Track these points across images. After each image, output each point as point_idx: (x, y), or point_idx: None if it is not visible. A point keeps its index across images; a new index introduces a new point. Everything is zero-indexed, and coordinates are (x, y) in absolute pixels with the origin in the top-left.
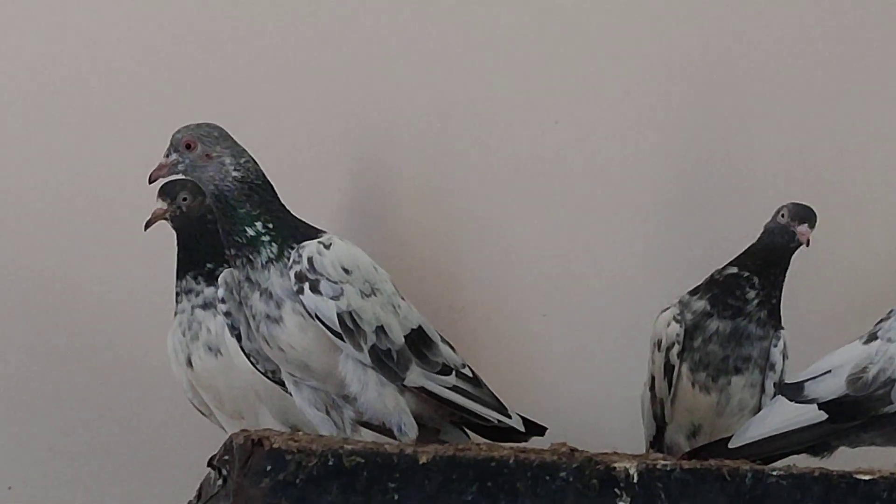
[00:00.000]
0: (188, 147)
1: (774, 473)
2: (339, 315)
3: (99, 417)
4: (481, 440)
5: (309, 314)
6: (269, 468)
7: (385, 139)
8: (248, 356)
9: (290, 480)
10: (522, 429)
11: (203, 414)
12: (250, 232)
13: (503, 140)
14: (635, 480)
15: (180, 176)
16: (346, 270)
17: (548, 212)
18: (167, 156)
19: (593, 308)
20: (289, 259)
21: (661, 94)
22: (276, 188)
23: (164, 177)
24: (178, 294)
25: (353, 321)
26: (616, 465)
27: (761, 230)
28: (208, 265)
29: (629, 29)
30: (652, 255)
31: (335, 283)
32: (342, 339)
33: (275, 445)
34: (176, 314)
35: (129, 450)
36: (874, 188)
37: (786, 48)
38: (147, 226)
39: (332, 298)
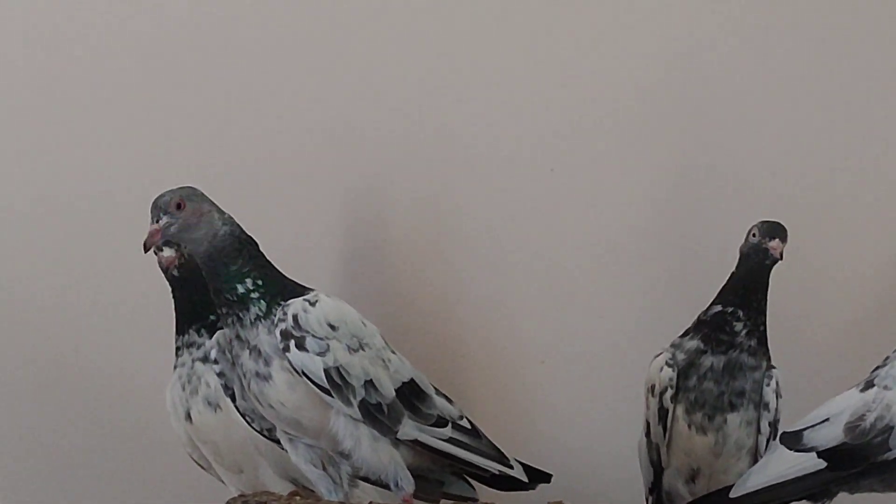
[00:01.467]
0: (178, 207)
1: None
2: (325, 371)
3: (92, 436)
4: (486, 490)
5: (296, 371)
6: None
7: (382, 194)
8: (242, 415)
9: None
10: (525, 478)
11: (202, 467)
12: (240, 289)
13: (499, 193)
14: None
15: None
16: (332, 326)
17: (546, 261)
18: (157, 220)
19: (592, 355)
20: (276, 317)
21: (659, 140)
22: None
23: (157, 243)
24: (178, 348)
25: (341, 376)
26: None
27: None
28: (211, 317)
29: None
30: (651, 303)
31: (321, 339)
32: (330, 395)
33: None
34: (175, 367)
35: (121, 469)
36: (869, 209)
37: (777, 57)
38: (168, 276)
39: (318, 355)
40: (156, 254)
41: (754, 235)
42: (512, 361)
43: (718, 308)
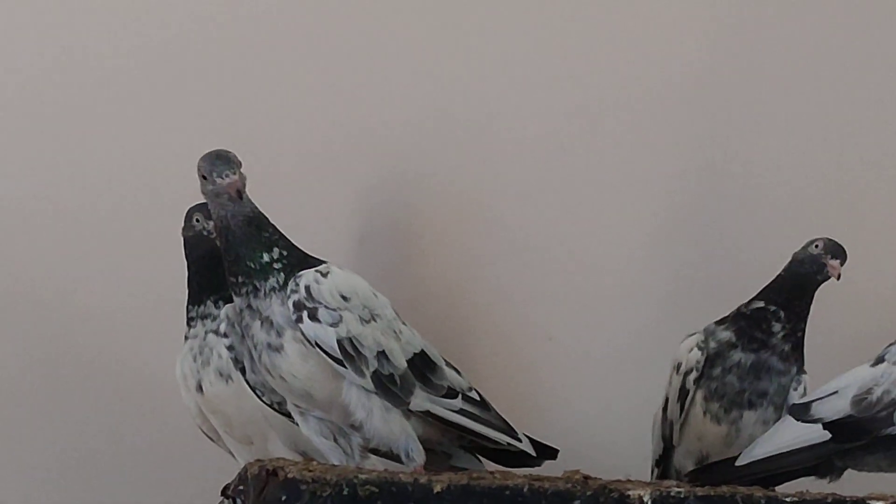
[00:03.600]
0: (240, 166)
1: (788, 500)
2: (338, 341)
3: (102, 436)
4: (493, 466)
5: (309, 342)
6: (283, 498)
7: (399, 161)
8: (253, 389)
9: None
10: (533, 452)
11: (211, 439)
12: (265, 258)
13: (513, 161)
14: None
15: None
16: (344, 297)
17: (555, 234)
18: (234, 173)
19: (600, 331)
20: (289, 288)
21: (682, 111)
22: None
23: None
24: (191, 318)
25: (354, 347)
26: (630, 492)
27: (786, 258)
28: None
29: (639, 52)
30: (660, 278)
31: (333, 310)
32: (343, 366)
33: (289, 475)
34: (187, 338)
35: (133, 471)
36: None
37: (806, 54)
38: (196, 251)
39: (330, 325)
40: (206, 222)
41: (816, 247)
42: (520, 338)
43: (761, 304)
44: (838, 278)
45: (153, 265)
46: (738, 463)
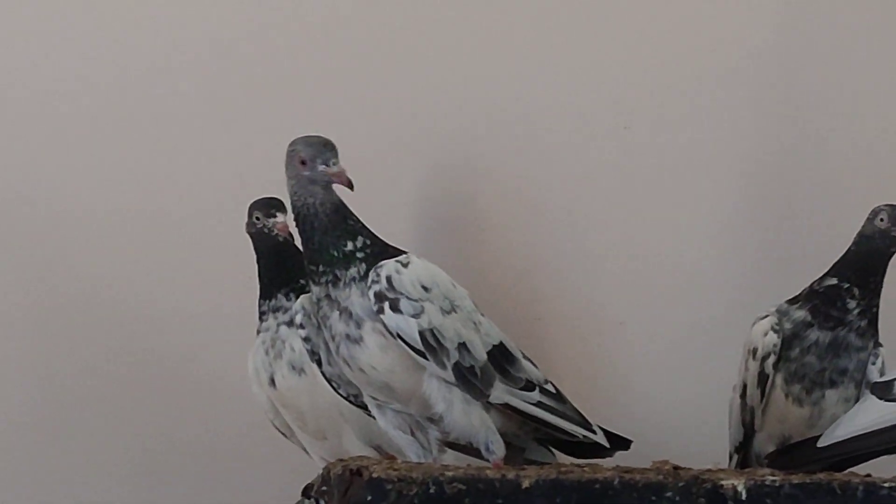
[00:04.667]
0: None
1: (886, 486)
2: (420, 333)
3: (175, 436)
4: (565, 458)
5: (390, 333)
6: (369, 498)
7: (461, 148)
8: (329, 381)
9: None
10: (607, 444)
11: (284, 435)
12: (349, 246)
13: (577, 145)
14: (744, 497)
15: None
16: (425, 288)
17: (624, 217)
18: (336, 162)
19: (672, 315)
20: (370, 279)
21: (750, 86)
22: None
23: None
24: (262, 312)
25: (436, 339)
26: (723, 482)
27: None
28: (301, 281)
29: (705, 24)
30: (731, 261)
31: (415, 301)
32: (425, 358)
33: (374, 475)
34: (259, 332)
35: (206, 469)
36: None
37: (885, 21)
38: (266, 243)
39: (412, 316)
40: (266, 220)
41: (882, 220)
42: (590, 323)
43: (833, 281)
44: None
45: (226, 262)
46: (820, 444)
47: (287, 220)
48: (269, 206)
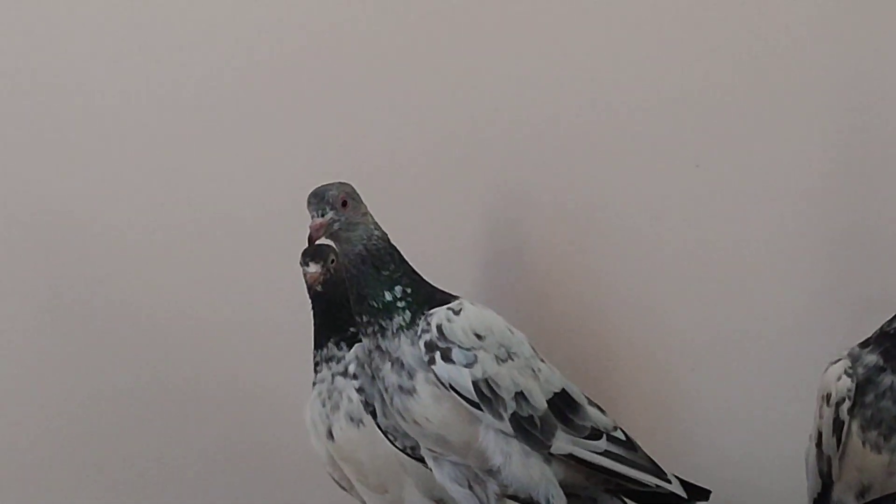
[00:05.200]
0: (344, 205)
1: None
2: (474, 383)
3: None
4: None
5: (443, 385)
6: None
7: (521, 198)
8: (385, 433)
9: None
10: (684, 494)
11: (343, 488)
12: (388, 297)
13: (644, 192)
14: None
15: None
16: (478, 336)
17: (696, 261)
18: (322, 214)
19: (747, 362)
20: (419, 327)
21: (819, 129)
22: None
23: (321, 237)
24: (317, 363)
25: (491, 389)
26: None
27: None
28: (351, 330)
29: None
30: (812, 305)
31: (468, 350)
32: (480, 409)
33: None
34: (315, 384)
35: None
36: None
37: None
38: (311, 292)
39: (465, 366)
40: (302, 267)
41: None
42: (661, 369)
43: None
44: None
45: (267, 278)
46: None
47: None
48: (304, 254)
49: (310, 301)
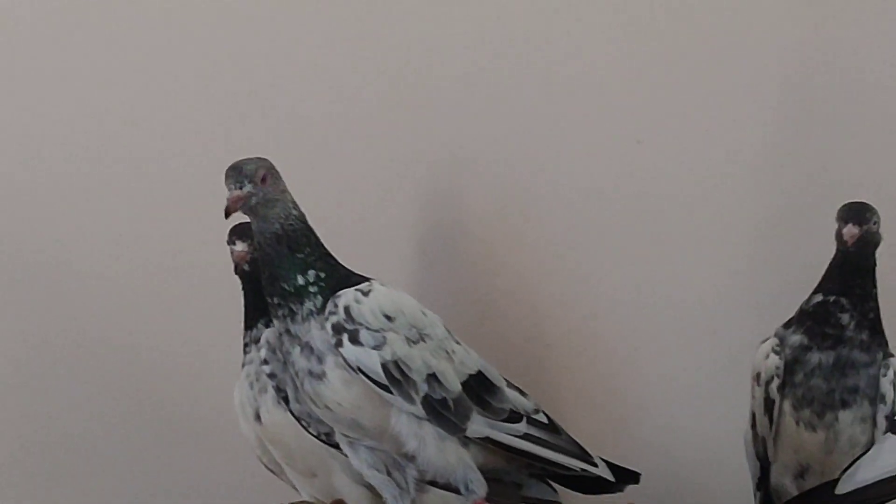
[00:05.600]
0: (263, 180)
1: None
2: (383, 365)
3: (164, 481)
4: (570, 494)
5: (351, 367)
6: None
7: (459, 165)
8: (298, 419)
9: None
10: (611, 477)
11: (273, 472)
12: (300, 280)
13: (585, 163)
14: None
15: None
16: (388, 317)
17: (635, 238)
18: (240, 187)
19: (687, 339)
20: (327, 310)
21: (759, 111)
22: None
23: (237, 210)
24: (246, 344)
25: (401, 371)
26: None
27: None
28: None
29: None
30: (748, 281)
31: (376, 331)
32: (390, 392)
33: None
34: (244, 365)
35: None
36: None
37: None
38: (238, 270)
39: (373, 348)
40: (229, 245)
41: (837, 220)
42: (600, 349)
43: (819, 298)
44: (852, 245)
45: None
46: (839, 491)
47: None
48: (231, 233)
49: (240, 282)
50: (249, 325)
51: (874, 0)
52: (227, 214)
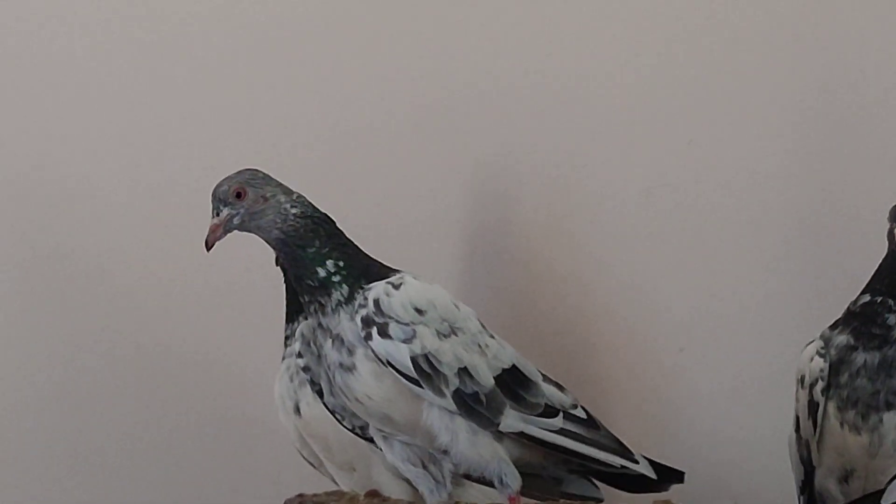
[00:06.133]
0: (239, 196)
1: None
2: (412, 359)
3: (205, 476)
4: (612, 492)
5: (380, 360)
6: None
7: (506, 169)
8: (332, 413)
9: None
10: (653, 475)
11: (312, 465)
12: (321, 273)
13: (633, 165)
14: None
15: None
16: (418, 311)
17: (682, 241)
18: (217, 213)
19: (733, 341)
20: (357, 302)
21: (802, 114)
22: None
23: (220, 238)
24: (287, 337)
25: (431, 365)
26: None
27: None
28: None
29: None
30: (797, 283)
31: (406, 324)
32: (420, 386)
33: None
34: (284, 358)
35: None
36: None
37: None
38: (279, 263)
39: (403, 342)
40: None
41: (890, 220)
42: (648, 348)
43: (867, 298)
44: None
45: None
46: (885, 501)
47: None
48: None
49: (283, 275)
50: (290, 318)
51: None
52: (208, 246)
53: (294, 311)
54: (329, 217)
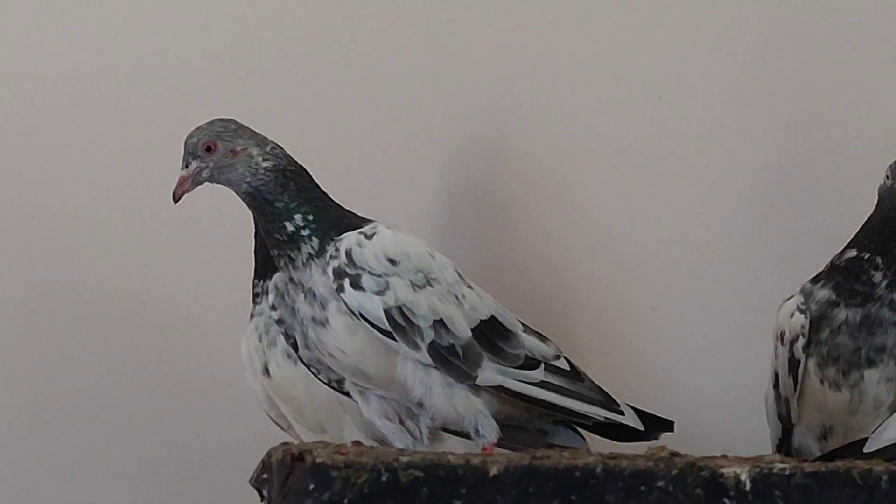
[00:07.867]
0: (209, 149)
1: None
2: (386, 311)
3: (168, 436)
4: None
5: (353, 313)
6: (311, 487)
7: (484, 121)
8: (308, 367)
9: (337, 500)
10: (640, 425)
11: (281, 428)
12: (290, 227)
13: (607, 129)
14: (748, 488)
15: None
16: (391, 261)
17: (654, 200)
18: (186, 165)
19: (706, 299)
20: (328, 254)
21: (776, 64)
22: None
23: (189, 191)
24: (256, 294)
25: (405, 317)
26: (724, 470)
27: None
28: None
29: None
30: (768, 240)
31: (379, 276)
32: (393, 339)
33: (318, 460)
34: (252, 316)
35: (197, 468)
36: None
37: None
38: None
39: (376, 294)
40: None
41: (888, 178)
42: (621, 307)
43: (853, 253)
44: None
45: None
46: (867, 449)
47: None
48: None
49: (254, 228)
50: (260, 274)
51: None
52: (175, 199)
53: (263, 268)
54: (303, 169)
